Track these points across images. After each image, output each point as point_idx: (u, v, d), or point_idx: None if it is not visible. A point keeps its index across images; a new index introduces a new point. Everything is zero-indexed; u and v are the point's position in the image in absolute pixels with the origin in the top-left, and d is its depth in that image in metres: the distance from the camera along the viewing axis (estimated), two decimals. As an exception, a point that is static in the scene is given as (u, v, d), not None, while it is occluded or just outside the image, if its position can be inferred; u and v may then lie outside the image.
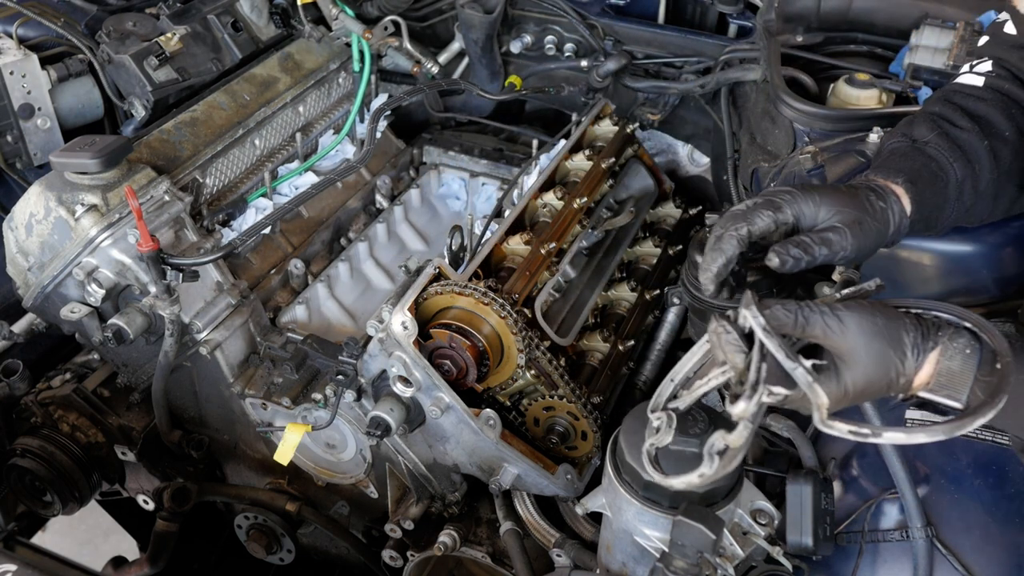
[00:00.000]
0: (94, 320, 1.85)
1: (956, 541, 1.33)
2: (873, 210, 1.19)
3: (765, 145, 1.91)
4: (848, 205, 1.18)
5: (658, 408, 1.21)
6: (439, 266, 1.69)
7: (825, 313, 1.06)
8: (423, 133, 2.68)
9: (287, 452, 1.81)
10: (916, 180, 1.24)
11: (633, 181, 2.30)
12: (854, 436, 1.04)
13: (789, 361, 1.02)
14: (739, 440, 1.05)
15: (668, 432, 1.18)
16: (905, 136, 1.33)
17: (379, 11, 2.51)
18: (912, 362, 1.07)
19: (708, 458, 1.08)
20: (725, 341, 1.06)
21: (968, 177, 1.29)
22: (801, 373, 1.03)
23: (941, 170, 1.27)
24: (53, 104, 2.19)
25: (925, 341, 1.08)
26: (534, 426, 1.80)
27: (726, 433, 1.06)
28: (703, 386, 1.13)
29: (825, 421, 1.03)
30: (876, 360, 1.05)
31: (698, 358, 1.19)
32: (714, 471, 1.08)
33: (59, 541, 3.47)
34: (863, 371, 1.05)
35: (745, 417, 1.03)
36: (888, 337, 1.06)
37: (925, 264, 1.49)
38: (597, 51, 2.46)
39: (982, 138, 1.30)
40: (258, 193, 2.18)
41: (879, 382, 1.06)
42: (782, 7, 2.07)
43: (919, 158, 1.28)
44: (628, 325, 2.01)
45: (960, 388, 1.07)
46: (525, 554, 1.75)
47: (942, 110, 1.35)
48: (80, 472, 2.06)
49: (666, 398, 1.21)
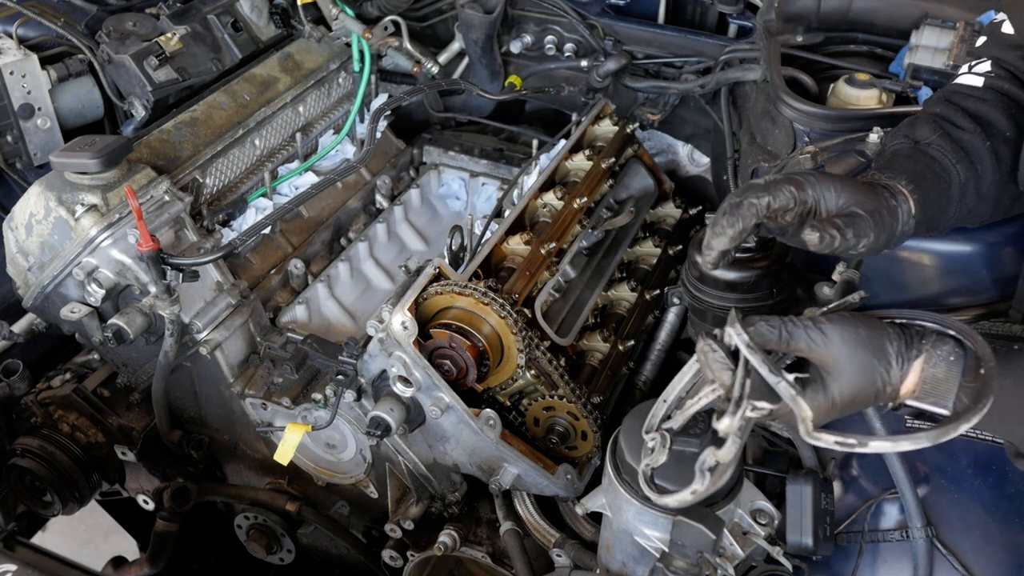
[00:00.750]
0: (94, 320, 1.85)
1: (956, 541, 1.33)
2: (888, 205, 1.19)
3: (765, 145, 1.91)
4: (867, 196, 1.18)
5: (652, 429, 1.23)
6: (439, 266, 1.69)
7: (808, 327, 1.07)
8: (423, 133, 2.68)
9: (287, 452, 1.81)
10: (919, 182, 1.24)
11: (633, 181, 2.30)
12: (840, 447, 1.05)
13: (772, 376, 1.04)
14: (728, 455, 1.07)
15: (663, 452, 1.20)
16: (907, 137, 1.33)
17: (379, 11, 2.51)
18: (897, 371, 1.08)
19: (700, 475, 1.10)
20: (712, 359, 1.08)
21: (971, 179, 1.29)
22: (784, 387, 1.05)
23: (944, 171, 1.27)
24: (53, 104, 2.19)
25: (909, 350, 1.09)
26: (534, 426, 1.80)
27: (716, 449, 1.08)
28: (694, 405, 1.15)
29: (811, 433, 1.05)
30: (861, 370, 1.07)
31: (689, 378, 1.21)
32: (706, 487, 1.10)
33: (59, 541, 3.47)
34: (849, 382, 1.06)
35: (731, 432, 1.05)
36: (872, 347, 1.07)
37: (925, 264, 1.49)
38: (597, 51, 2.46)
39: (984, 139, 1.30)
40: (258, 193, 2.18)
41: (865, 392, 1.07)
42: (782, 7, 2.07)
43: (922, 159, 1.28)
44: (628, 325, 2.00)
45: (946, 395, 1.09)
46: (525, 554, 1.75)
47: (943, 111, 1.34)
48: (80, 472, 2.06)
49: (660, 419, 1.23)
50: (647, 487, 1.23)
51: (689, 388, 1.22)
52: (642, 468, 1.23)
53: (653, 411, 1.24)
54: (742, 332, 1.06)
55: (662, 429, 1.22)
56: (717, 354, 1.07)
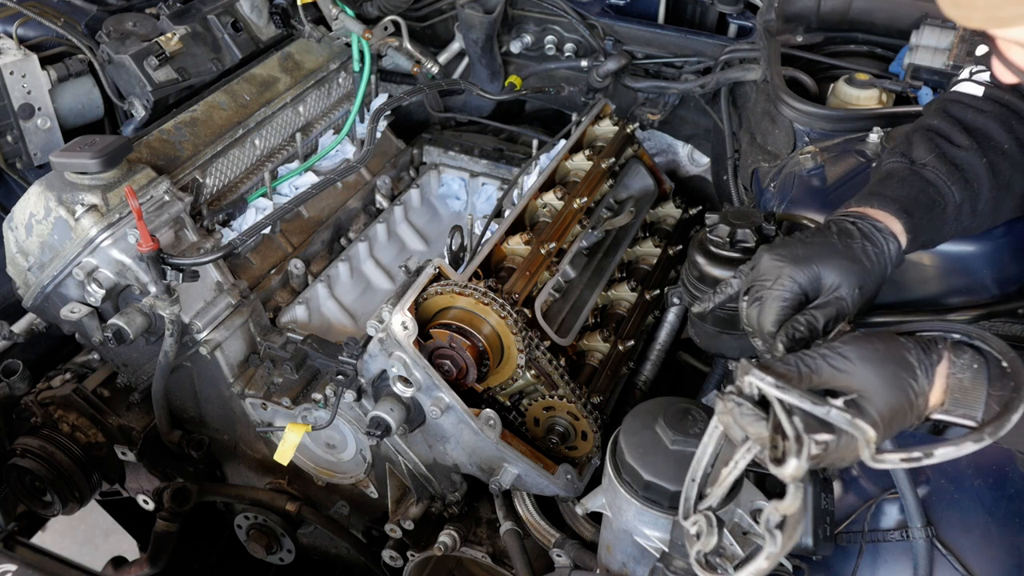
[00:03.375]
0: (94, 320, 1.85)
1: (956, 541, 1.33)
2: (871, 264, 1.18)
3: (765, 145, 1.91)
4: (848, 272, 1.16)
5: (690, 513, 1.14)
6: (439, 266, 1.69)
7: (827, 355, 1.03)
8: (423, 133, 2.68)
9: (287, 452, 1.81)
10: (912, 210, 1.23)
11: (633, 181, 2.30)
12: (907, 463, 0.99)
13: (819, 407, 0.97)
14: (794, 505, 0.98)
15: (712, 533, 1.10)
16: (904, 156, 1.32)
17: (379, 11, 2.51)
18: (924, 379, 1.05)
19: (769, 536, 1.00)
20: (740, 415, 1.00)
21: (966, 200, 1.28)
22: (836, 414, 0.97)
23: (939, 195, 1.27)
24: (53, 104, 2.19)
25: (928, 355, 1.06)
26: (534, 426, 1.80)
27: (778, 503, 0.98)
28: (732, 472, 1.06)
29: (875, 456, 0.98)
30: (891, 384, 1.02)
31: (712, 449, 1.12)
32: (780, 547, 0.99)
33: (59, 541, 3.47)
34: (884, 399, 1.01)
35: (798, 477, 0.96)
36: (894, 359, 1.04)
37: (925, 264, 1.49)
38: (597, 51, 2.46)
39: (981, 156, 1.29)
40: (258, 193, 2.18)
41: (901, 406, 1.03)
42: (782, 7, 2.07)
43: (916, 183, 1.27)
44: (628, 325, 2.00)
45: (974, 404, 1.06)
46: (525, 554, 1.75)
47: (941, 124, 1.33)
48: (80, 472, 2.06)
49: (695, 500, 1.14)
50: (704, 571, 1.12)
51: (714, 459, 1.13)
52: (694, 556, 1.12)
53: (684, 494, 1.15)
54: (765, 376, 0.98)
55: (703, 511, 1.12)
56: (744, 407, 1.00)
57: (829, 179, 1.64)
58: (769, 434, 0.98)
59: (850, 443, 0.99)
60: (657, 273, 2.15)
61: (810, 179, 1.66)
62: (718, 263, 1.46)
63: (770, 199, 1.76)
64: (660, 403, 1.45)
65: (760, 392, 0.99)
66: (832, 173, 1.64)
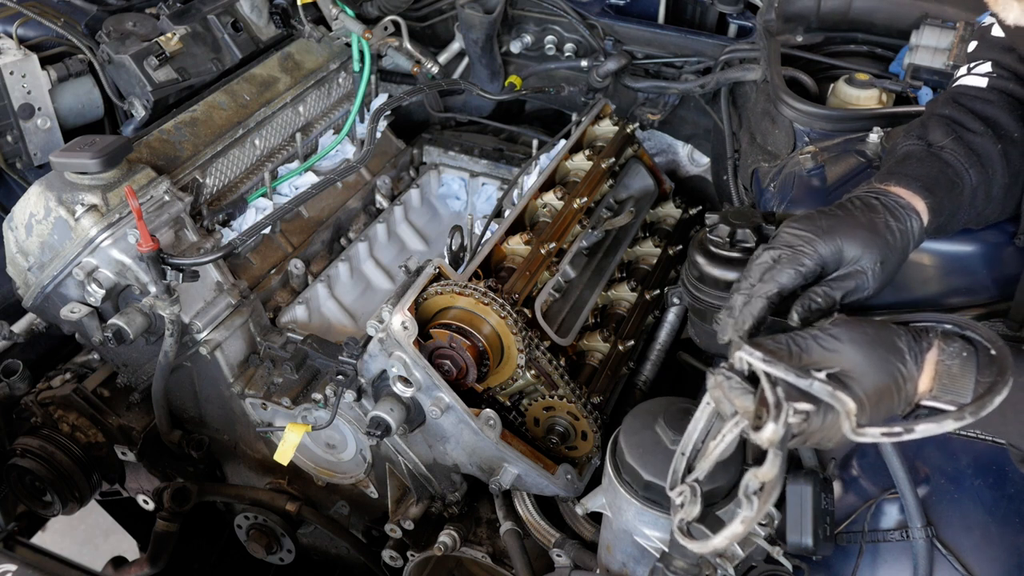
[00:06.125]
0: (94, 320, 1.85)
1: (956, 541, 1.33)
2: (894, 240, 1.17)
3: (765, 145, 1.91)
4: (871, 244, 1.15)
5: (676, 484, 1.16)
6: (439, 266, 1.69)
7: (817, 336, 1.05)
8: (423, 133, 2.68)
9: (287, 452, 1.81)
10: (934, 189, 1.23)
11: (633, 181, 2.30)
12: (888, 438, 1.01)
13: (802, 379, 1.00)
14: (772, 472, 1.00)
15: (696, 503, 1.13)
16: (921, 139, 1.32)
17: (379, 11, 2.51)
18: (912, 365, 1.06)
19: (746, 501, 1.03)
20: (728, 388, 1.03)
21: (982, 183, 1.28)
22: (819, 386, 1.00)
23: (957, 176, 1.26)
24: (53, 104, 2.19)
25: (918, 343, 1.08)
26: (534, 426, 1.80)
27: (757, 469, 1.01)
28: (719, 445, 1.09)
29: (856, 429, 1.00)
30: (879, 367, 1.04)
31: (703, 424, 1.15)
32: (756, 511, 1.02)
33: (59, 541, 3.47)
34: (871, 380, 1.03)
35: (775, 442, 0.99)
36: (883, 344, 1.06)
37: (925, 264, 1.49)
38: (597, 51, 2.46)
39: (995, 142, 1.29)
40: (258, 193, 2.18)
41: (887, 389, 1.04)
42: (782, 7, 2.07)
43: (935, 164, 1.27)
44: (628, 325, 2.01)
45: (962, 391, 1.07)
46: (525, 554, 1.75)
47: (953, 113, 1.33)
48: (80, 472, 2.06)
49: (682, 472, 1.17)
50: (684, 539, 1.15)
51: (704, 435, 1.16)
52: (676, 524, 1.16)
53: (673, 466, 1.18)
54: (754, 351, 1.01)
55: (689, 482, 1.15)
56: (733, 380, 1.03)
57: (829, 179, 1.64)
58: (754, 408, 1.01)
59: (834, 421, 1.01)
60: (657, 273, 2.15)
61: (810, 179, 1.66)
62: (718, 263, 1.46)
63: (770, 199, 1.76)
64: (660, 403, 1.45)
65: (750, 368, 1.02)
66: (832, 173, 1.64)
